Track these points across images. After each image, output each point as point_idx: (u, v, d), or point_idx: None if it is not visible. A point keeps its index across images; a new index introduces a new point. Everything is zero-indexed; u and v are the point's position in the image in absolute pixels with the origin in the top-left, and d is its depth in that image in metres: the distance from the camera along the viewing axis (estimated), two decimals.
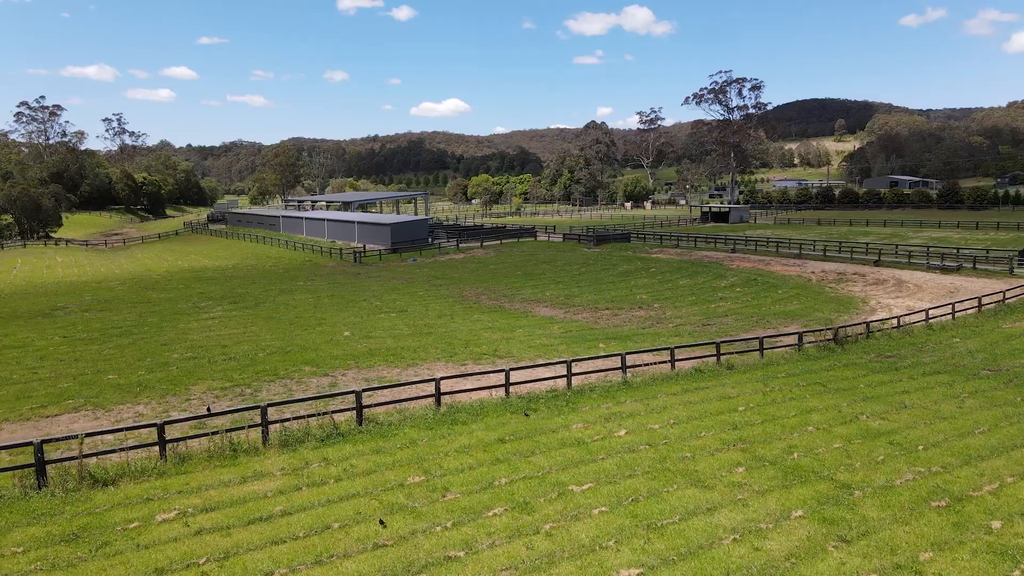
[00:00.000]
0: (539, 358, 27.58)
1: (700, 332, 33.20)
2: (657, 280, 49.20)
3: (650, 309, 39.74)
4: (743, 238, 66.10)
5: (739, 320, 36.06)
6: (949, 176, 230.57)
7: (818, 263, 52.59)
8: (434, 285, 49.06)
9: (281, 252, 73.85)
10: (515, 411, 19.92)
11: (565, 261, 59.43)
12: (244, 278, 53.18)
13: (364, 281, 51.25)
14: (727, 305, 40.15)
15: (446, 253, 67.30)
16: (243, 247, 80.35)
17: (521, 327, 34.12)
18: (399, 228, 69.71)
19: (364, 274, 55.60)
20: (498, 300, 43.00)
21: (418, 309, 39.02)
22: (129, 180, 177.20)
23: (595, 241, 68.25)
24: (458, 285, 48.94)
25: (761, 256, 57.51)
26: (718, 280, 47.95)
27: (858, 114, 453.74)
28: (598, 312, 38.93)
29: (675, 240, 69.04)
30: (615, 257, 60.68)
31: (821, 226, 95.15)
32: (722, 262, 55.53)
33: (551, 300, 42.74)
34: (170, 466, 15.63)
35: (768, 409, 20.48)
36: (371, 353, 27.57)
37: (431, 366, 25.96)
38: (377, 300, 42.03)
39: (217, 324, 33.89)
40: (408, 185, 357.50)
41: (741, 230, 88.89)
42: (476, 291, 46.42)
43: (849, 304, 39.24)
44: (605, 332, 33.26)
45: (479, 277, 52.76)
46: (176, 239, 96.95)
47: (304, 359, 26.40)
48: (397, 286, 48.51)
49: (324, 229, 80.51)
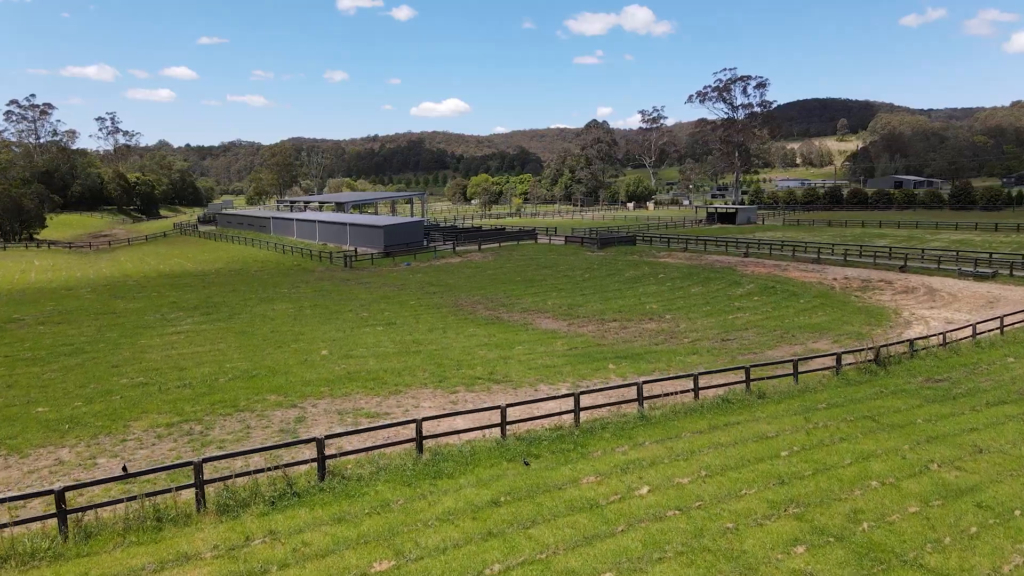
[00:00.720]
0: (541, 382, 24.20)
1: (720, 349, 29.79)
2: (667, 288, 45.77)
3: (661, 321, 36.32)
4: (755, 241, 62.69)
5: (761, 334, 32.63)
6: (953, 176, 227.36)
7: (839, 269, 49.17)
8: (427, 293, 45.66)
9: (268, 255, 70.45)
10: (513, 457, 16.53)
11: (567, 266, 56.02)
12: (224, 284, 49.76)
13: (352, 288, 47.84)
14: (746, 316, 36.72)
15: (442, 257, 63.90)
16: (230, 250, 76.93)
17: (521, 343, 30.71)
18: (392, 230, 66.31)
19: (353, 280, 52.18)
20: (496, 310, 39.59)
21: (408, 321, 35.60)
22: (121, 180, 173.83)
23: (599, 244, 64.86)
24: (453, 293, 45.54)
25: (777, 261, 54.07)
26: (733, 288, 44.51)
27: (859, 114, 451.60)
28: (605, 324, 35.50)
29: (683, 243, 65.63)
30: (621, 262, 57.25)
31: (832, 228, 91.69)
32: (735, 267, 52.10)
33: (553, 310, 39.32)
34: (70, 546, 12.21)
35: (816, 454, 17.07)
36: (349, 377, 24.16)
37: (417, 394, 22.55)
38: (364, 311, 38.60)
39: (182, 340, 30.46)
40: (408, 185, 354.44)
41: (750, 232, 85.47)
42: (472, 300, 43.02)
43: (880, 316, 35.80)
44: (614, 349, 29.84)
45: (476, 284, 49.35)
46: (163, 241, 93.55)
47: (271, 385, 22.98)
48: (387, 294, 45.10)
49: (315, 231, 77.13)
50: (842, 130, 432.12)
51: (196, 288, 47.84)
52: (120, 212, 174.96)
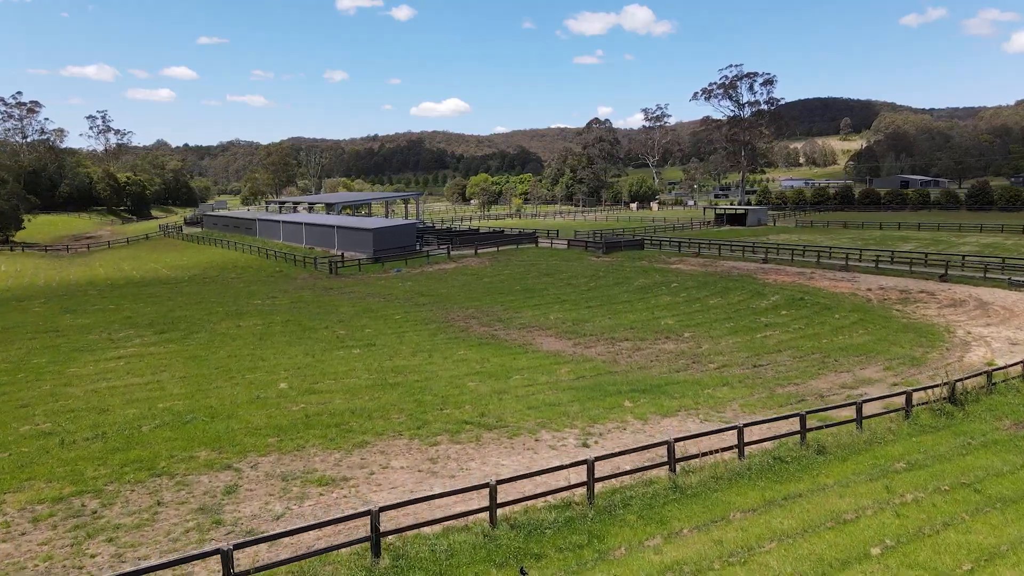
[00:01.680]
0: (543, 427, 19.67)
1: (753, 378, 25.25)
2: (682, 299, 41.21)
3: (680, 339, 31.77)
4: (774, 245, 58.19)
5: (798, 358, 28.08)
6: (960, 176, 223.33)
7: (872, 277, 44.62)
8: (416, 305, 41.11)
9: (250, 260, 65.93)
10: (504, 562, 12.00)
11: (571, 273, 51.47)
12: (193, 294, 45.23)
13: (334, 299, 43.30)
14: (776, 335, 32.15)
15: (436, 263, 59.35)
16: (211, 253, 72.42)
17: (519, 370, 26.16)
18: (382, 234, 61.78)
19: (337, 289, 47.65)
20: (491, 326, 35.04)
21: (390, 341, 31.06)
22: (111, 180, 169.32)
23: (604, 248, 60.31)
24: (445, 305, 41.01)
25: (800, 268, 49.52)
26: (757, 299, 39.95)
27: (861, 113, 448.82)
28: (615, 345, 30.95)
29: (695, 247, 61.09)
30: (629, 268, 52.70)
31: (849, 230, 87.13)
32: (755, 275, 47.56)
33: (556, 326, 34.77)
34: None
35: (919, 552, 12.54)
36: (307, 422, 19.62)
37: (388, 446, 18.02)
38: (342, 327, 34.05)
39: (120, 368, 25.92)
40: (407, 185, 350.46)
41: (763, 234, 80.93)
42: (466, 313, 38.48)
43: (932, 335, 31.24)
44: (628, 378, 25.30)
45: (471, 294, 44.82)
46: (144, 244, 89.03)
47: (207, 435, 18.45)
48: (371, 306, 40.56)
49: (302, 234, 72.59)
50: (845, 129, 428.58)
51: (161, 299, 43.29)
52: (110, 213, 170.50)
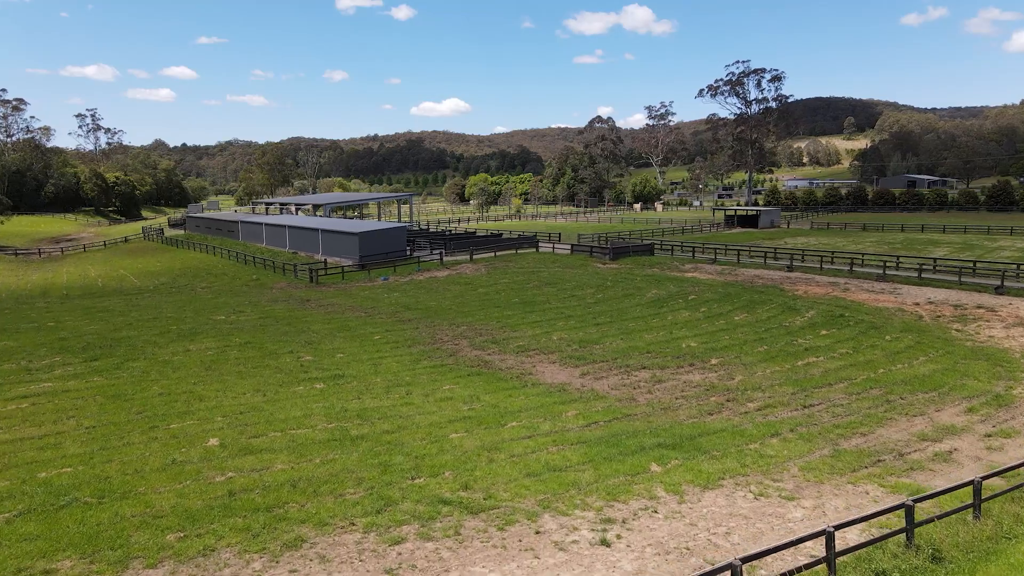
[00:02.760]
0: (546, 509, 14.71)
1: (807, 424, 20.27)
2: (703, 315, 36.18)
3: (707, 367, 26.78)
4: (797, 251, 53.16)
5: (854, 395, 23.09)
6: (967, 176, 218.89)
7: (915, 289, 39.61)
8: (401, 320, 36.12)
9: (226, 266, 60.96)
10: None
11: (576, 282, 46.47)
12: (150, 308, 40.21)
13: (309, 314, 38.31)
14: (821, 362, 27.14)
15: (427, 270, 54.35)
16: (187, 258, 67.50)
17: (515, 413, 21.18)
18: (369, 238, 56.75)
19: (315, 301, 42.67)
20: (485, 348, 30.06)
21: (363, 371, 26.07)
22: (99, 180, 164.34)
23: (611, 254, 55.29)
24: (433, 320, 36.02)
25: (832, 278, 44.51)
26: (789, 316, 34.92)
27: (862, 112, 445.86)
28: (631, 375, 25.96)
29: (710, 253, 56.08)
30: (639, 277, 47.68)
31: (868, 232, 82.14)
32: (782, 286, 42.56)
33: (560, 349, 29.78)
34: None
35: None
36: (228, 504, 14.61)
37: (330, 548, 13.01)
38: (309, 352, 29.06)
39: (20, 413, 20.90)
40: (406, 185, 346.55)
41: (778, 238, 75.94)
42: (456, 331, 33.49)
43: (1009, 364, 26.21)
44: (652, 425, 20.32)
45: (463, 306, 39.83)
46: (122, 248, 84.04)
47: (83, 530, 13.43)
48: (349, 323, 35.55)
49: (285, 237, 67.58)
50: (849, 128, 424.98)
51: (111, 314, 38.27)
52: (97, 214, 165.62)
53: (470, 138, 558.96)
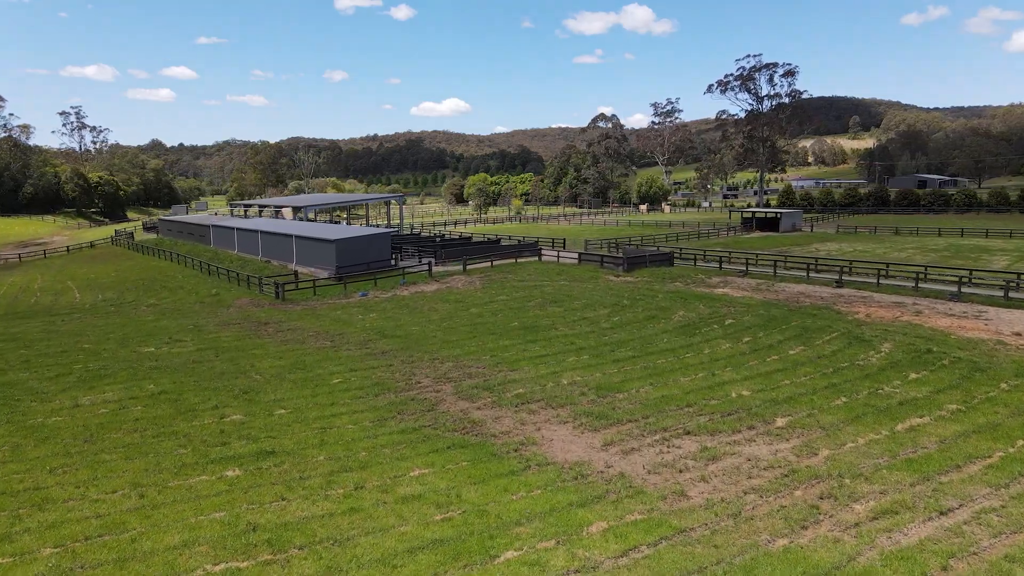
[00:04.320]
0: None
1: (962, 550, 13.12)
2: (747, 346, 29.01)
3: (772, 433, 19.64)
4: (844, 262, 46.08)
5: (1000, 486, 15.97)
6: (978, 175, 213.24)
7: (1005, 312, 32.45)
8: (372, 353, 29.00)
9: (187, 277, 53.85)
10: None
11: (586, 300, 39.35)
12: (69, 335, 33.05)
13: (260, 344, 31.19)
14: (929, 426, 19.94)
15: (413, 283, 47.22)
16: (148, 267, 60.40)
17: (512, 531, 14.04)
18: (348, 246, 49.58)
19: (274, 325, 35.56)
20: (474, 399, 22.94)
21: (304, 441, 18.93)
22: (80, 180, 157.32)
23: (625, 265, 48.12)
24: (412, 354, 28.89)
25: (894, 296, 37.33)
26: (859, 349, 27.73)
27: (865, 112, 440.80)
28: (672, 445, 18.84)
29: (739, 263, 48.92)
30: (661, 294, 40.52)
31: (903, 236, 75.03)
32: (835, 306, 35.38)
33: (573, 400, 22.66)
34: None
35: None
36: None
37: None
38: (239, 408, 21.91)
39: None
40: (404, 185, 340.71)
41: (805, 243, 68.83)
42: (439, 371, 26.38)
43: None
44: (722, 556, 13.17)
45: (451, 333, 32.73)
46: (85, 254, 76.92)
47: None
48: (306, 357, 28.42)
49: (258, 243, 60.44)
50: (854, 128, 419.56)
51: (15, 343, 31.09)
52: (79, 215, 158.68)
53: (470, 138, 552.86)
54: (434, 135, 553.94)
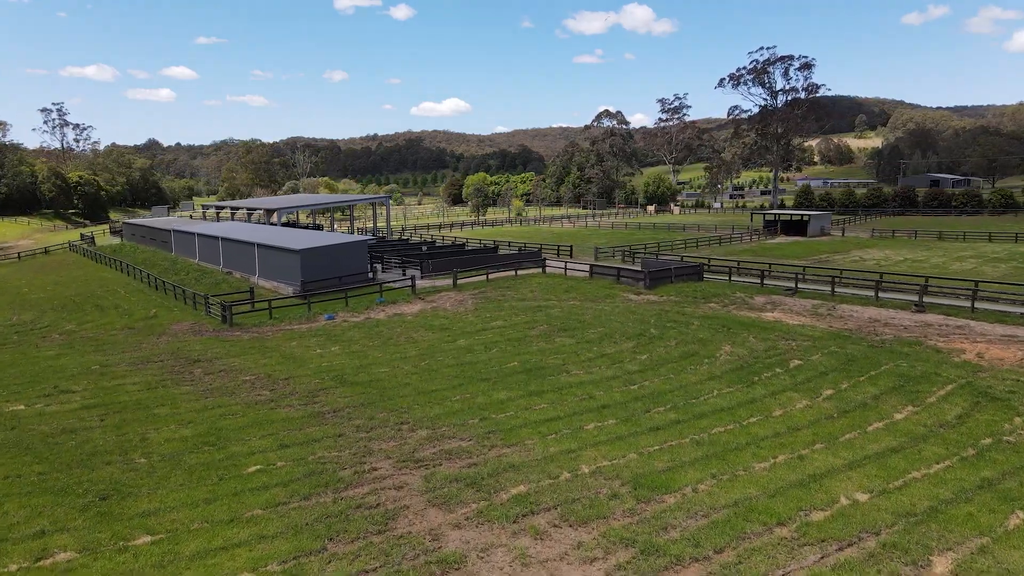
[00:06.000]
0: None
1: None
2: (832, 405, 21.08)
3: None
4: (916, 278, 38.24)
5: None
6: (992, 174, 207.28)
7: None
8: (319, 415, 21.13)
9: (130, 292, 46.00)
10: None
11: (603, 326, 31.47)
12: None
13: (172, 398, 23.34)
14: None
15: (392, 302, 39.35)
16: (93, 278, 52.60)
17: None
18: (315, 257, 41.72)
19: (206, 363, 27.72)
20: (451, 505, 15.13)
21: None
22: (58, 179, 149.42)
23: (647, 280, 40.15)
24: (374, 415, 21.06)
25: (1000, 325, 29.39)
26: (995, 414, 19.82)
27: (868, 111, 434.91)
28: None
29: (785, 278, 40.99)
30: (696, 319, 32.57)
31: (947, 241, 67.12)
32: (928, 340, 27.46)
33: (600, 506, 14.87)
34: None
35: None
36: None
37: None
38: (73, 540, 14.08)
39: None
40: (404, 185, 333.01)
41: (845, 250, 60.95)
42: (406, 447, 18.57)
43: None
44: None
45: (431, 378, 24.88)
46: (38, 261, 69.13)
47: None
48: (225, 422, 20.55)
49: (219, 251, 52.55)
50: (860, 126, 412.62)
51: None
52: (57, 216, 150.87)
53: (470, 138, 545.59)
54: (434, 135, 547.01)
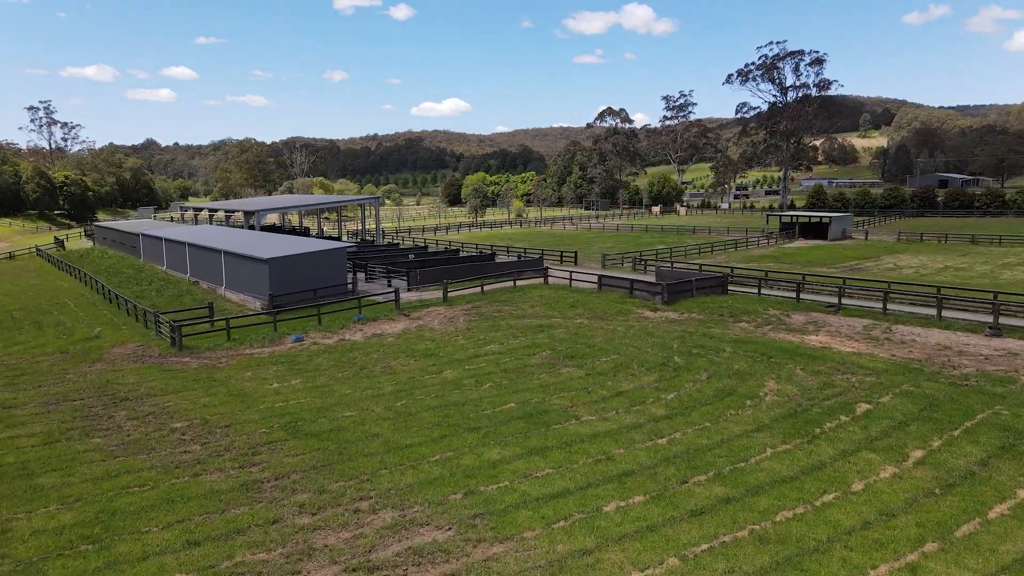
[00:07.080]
0: None
1: None
2: (930, 476, 15.97)
3: None
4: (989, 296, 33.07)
5: None
6: (1001, 173, 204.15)
7: None
8: (254, 486, 16.05)
9: (81, 306, 40.93)
10: None
11: (618, 352, 26.33)
12: None
13: (69, 459, 18.29)
14: None
15: (372, 319, 34.22)
16: (48, 289, 47.55)
17: None
18: (285, 267, 36.59)
19: (134, 403, 22.63)
20: None
21: None
22: (43, 179, 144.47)
23: (665, 294, 34.97)
24: (326, 485, 16.05)
25: None
26: None
27: (871, 111, 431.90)
28: None
29: (826, 292, 35.81)
30: (727, 343, 27.38)
31: (982, 245, 62.06)
32: (1022, 378, 22.30)
33: None
34: None
35: None
36: None
37: None
38: None
39: None
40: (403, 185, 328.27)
41: (875, 255, 55.82)
42: (360, 542, 13.53)
43: None
44: None
45: (407, 428, 19.80)
46: (1, 266, 64.05)
47: None
48: (124, 501, 15.48)
49: (186, 258, 47.43)
50: (864, 126, 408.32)
51: None
52: (42, 217, 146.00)
53: (471, 137, 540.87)
54: (434, 135, 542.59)
